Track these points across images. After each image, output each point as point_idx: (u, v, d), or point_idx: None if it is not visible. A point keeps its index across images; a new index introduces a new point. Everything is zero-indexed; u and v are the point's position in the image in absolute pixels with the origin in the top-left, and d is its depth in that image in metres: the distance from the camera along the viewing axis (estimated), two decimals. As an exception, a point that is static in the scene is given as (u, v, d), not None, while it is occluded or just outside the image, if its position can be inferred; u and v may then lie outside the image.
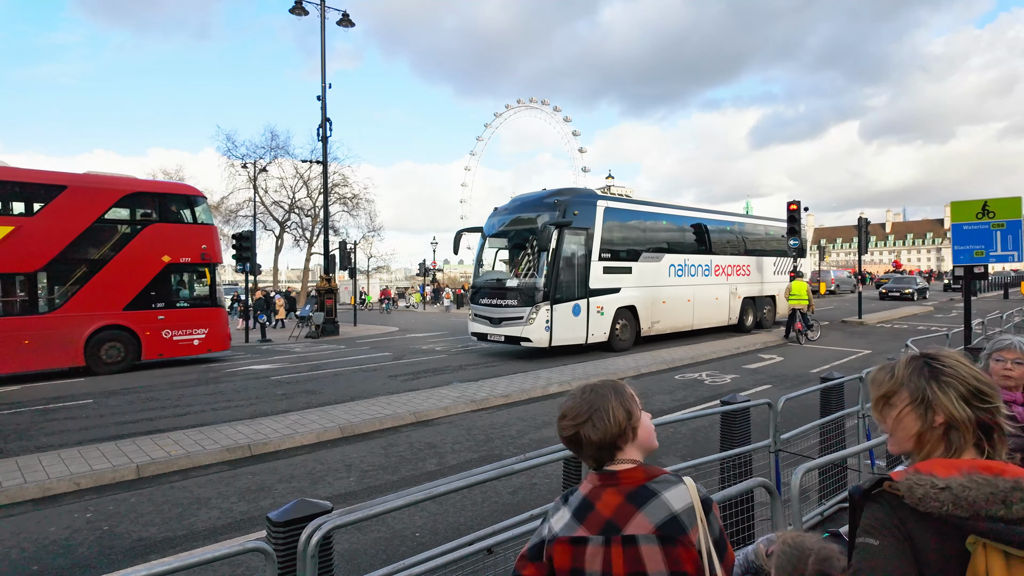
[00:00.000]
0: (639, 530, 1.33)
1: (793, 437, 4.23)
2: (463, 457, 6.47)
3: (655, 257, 15.68)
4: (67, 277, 12.20)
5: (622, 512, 1.35)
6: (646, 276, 15.29)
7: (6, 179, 11.91)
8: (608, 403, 1.40)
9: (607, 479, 1.41)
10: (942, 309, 27.14)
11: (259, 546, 1.84)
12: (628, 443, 1.41)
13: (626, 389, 1.45)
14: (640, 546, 1.32)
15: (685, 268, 16.60)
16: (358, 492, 5.45)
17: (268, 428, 7.23)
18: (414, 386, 10.24)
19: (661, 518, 1.33)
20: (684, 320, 16.53)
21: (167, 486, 5.63)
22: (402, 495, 2.19)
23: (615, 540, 1.34)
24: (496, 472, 2.39)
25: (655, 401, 9.09)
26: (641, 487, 1.38)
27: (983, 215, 7.54)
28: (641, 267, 15.18)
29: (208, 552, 1.83)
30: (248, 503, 5.21)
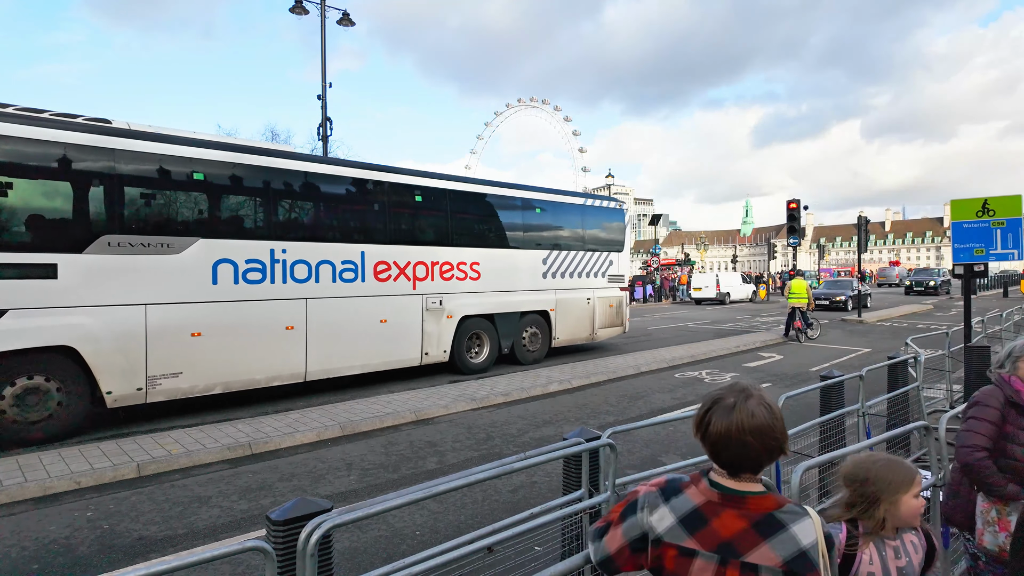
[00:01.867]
0: (764, 561, 1.30)
1: (793, 435, 4.23)
2: (463, 456, 6.48)
3: (169, 244, 7.47)
4: None
5: (745, 538, 1.32)
6: (120, 283, 7.14)
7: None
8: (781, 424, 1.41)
9: (730, 499, 1.37)
10: (942, 307, 27.17)
11: (258, 545, 1.85)
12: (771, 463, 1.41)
13: None
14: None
15: (273, 267, 8.41)
16: (359, 490, 5.46)
17: (269, 426, 7.23)
18: (413, 385, 10.24)
19: (790, 553, 1.29)
20: (267, 365, 8.40)
21: (168, 485, 5.63)
22: (402, 494, 2.19)
23: (732, 563, 1.31)
24: (496, 471, 2.39)
25: (655, 399, 9.10)
26: (768, 515, 1.34)
27: (983, 213, 7.54)
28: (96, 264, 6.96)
29: (207, 551, 1.83)
30: (249, 501, 5.22)
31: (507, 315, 11.64)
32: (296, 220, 9.15)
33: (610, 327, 13.81)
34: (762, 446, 1.36)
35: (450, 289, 10.59)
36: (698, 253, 72.98)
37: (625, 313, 14.17)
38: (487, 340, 11.42)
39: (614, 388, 10.03)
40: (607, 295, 13.66)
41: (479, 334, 11.33)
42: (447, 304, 10.55)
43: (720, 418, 1.38)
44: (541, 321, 12.31)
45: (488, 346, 11.41)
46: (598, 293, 13.42)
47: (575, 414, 8.25)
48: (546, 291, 12.29)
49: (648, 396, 9.37)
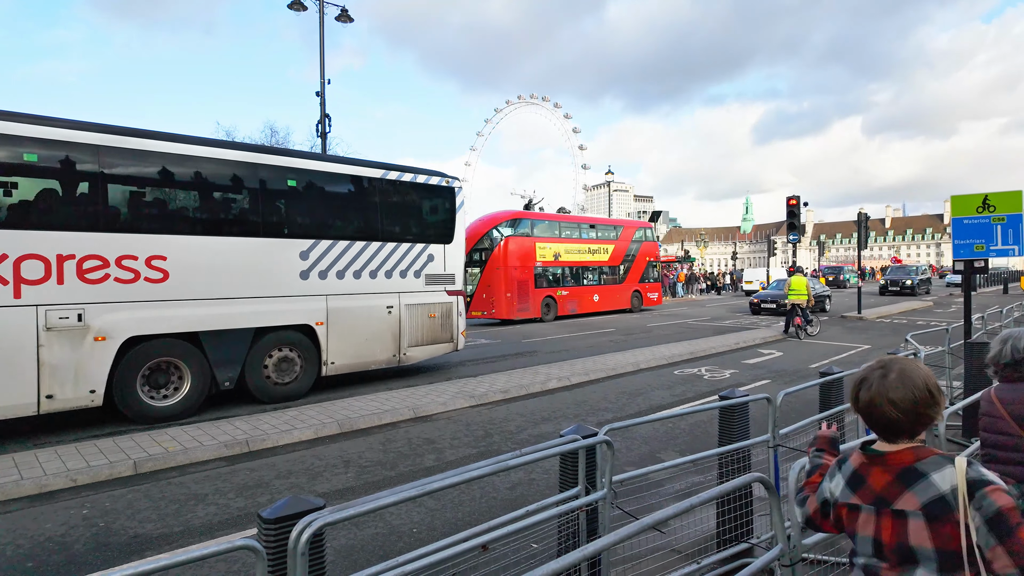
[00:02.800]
0: (908, 506, 1.51)
1: (792, 432, 4.21)
2: (461, 453, 6.46)
3: None
4: None
5: (891, 489, 1.55)
6: None
7: None
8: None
9: (875, 459, 1.62)
10: (942, 304, 27.15)
11: (248, 544, 1.82)
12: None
13: None
14: (908, 520, 1.51)
15: None
16: (356, 488, 5.43)
17: (267, 424, 7.21)
18: (412, 382, 10.22)
19: (929, 498, 1.49)
20: None
21: (164, 482, 5.61)
22: (395, 491, 2.17)
23: (885, 512, 1.56)
24: (491, 468, 2.36)
25: (654, 396, 9.08)
26: (908, 467, 1.55)
27: (984, 209, 7.51)
28: None
29: (197, 550, 1.80)
30: (245, 499, 5.19)
31: (226, 334, 8.05)
32: None
33: (431, 344, 10.51)
34: (903, 413, 1.55)
35: (105, 296, 7.02)
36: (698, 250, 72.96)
37: (457, 325, 10.78)
38: (187, 372, 7.81)
39: (613, 385, 10.01)
40: (425, 301, 10.32)
41: (173, 363, 7.73)
42: (97, 319, 6.96)
43: (864, 391, 1.61)
44: (303, 340, 8.87)
45: (189, 381, 7.81)
46: (409, 299, 10.10)
47: (574, 411, 8.23)
48: (309, 297, 8.84)
49: (647, 393, 9.35)
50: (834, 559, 3.74)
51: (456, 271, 10.94)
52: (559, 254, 22.50)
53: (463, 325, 11.15)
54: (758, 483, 2.31)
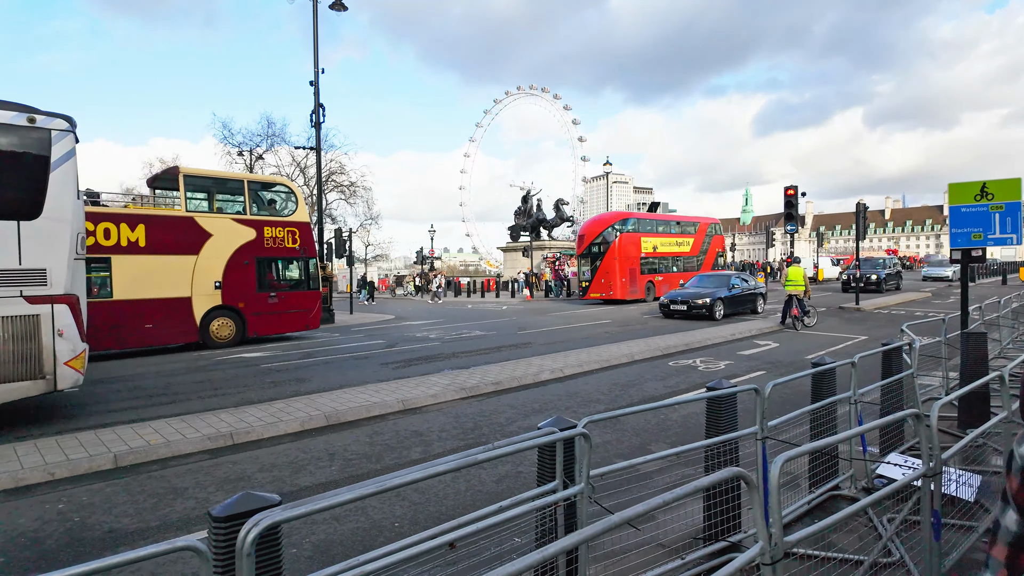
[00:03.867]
0: None
1: (782, 424, 4.10)
2: (449, 445, 6.35)
3: None
4: None
5: None
6: None
7: None
8: None
9: None
10: (940, 295, 27.04)
11: (190, 544, 1.71)
12: None
13: None
14: None
15: None
16: (339, 481, 5.33)
17: (252, 416, 7.10)
18: (404, 374, 10.12)
19: None
20: None
21: (145, 476, 5.51)
22: (352, 488, 2.05)
23: None
24: (456, 463, 2.25)
25: (647, 387, 8.97)
26: None
27: (982, 197, 7.38)
28: None
29: (137, 552, 1.69)
30: (226, 493, 5.09)
31: None
32: None
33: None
34: None
35: None
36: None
37: (55, 351, 7.00)
38: None
39: (606, 376, 9.91)
40: None
41: None
42: None
43: None
44: None
45: None
46: None
47: (566, 403, 8.13)
48: None
49: (641, 384, 9.25)
50: (823, 554, 3.64)
51: (53, 263, 7.05)
52: (656, 246, 27.44)
53: (72, 349, 7.17)
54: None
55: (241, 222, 14.43)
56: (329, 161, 51.69)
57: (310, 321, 15.94)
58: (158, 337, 13.39)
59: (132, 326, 12.80)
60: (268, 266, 15.08)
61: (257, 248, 14.58)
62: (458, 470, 2.27)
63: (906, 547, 3.75)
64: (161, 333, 13.39)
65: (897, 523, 4.07)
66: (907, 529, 4.08)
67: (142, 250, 12.88)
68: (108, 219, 12.52)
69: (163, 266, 13.23)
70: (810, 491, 4.58)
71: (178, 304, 13.47)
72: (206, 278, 13.83)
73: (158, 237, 13.11)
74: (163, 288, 13.24)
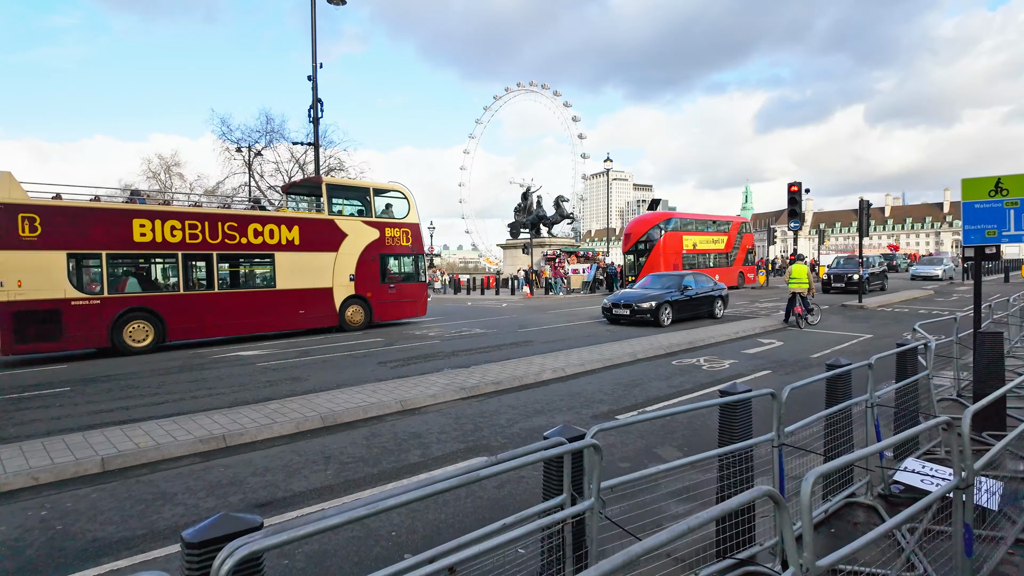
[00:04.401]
0: None
1: (796, 430, 3.90)
2: (449, 448, 6.16)
3: None
4: None
5: None
6: None
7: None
8: None
9: None
10: (942, 293, 26.85)
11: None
12: None
13: None
14: None
15: None
16: (334, 486, 5.14)
17: (246, 418, 6.91)
18: (403, 373, 9.92)
19: None
20: None
21: (133, 480, 5.31)
22: (342, 510, 1.85)
23: None
24: (458, 480, 2.05)
25: (651, 388, 8.78)
26: None
27: (996, 193, 7.16)
28: None
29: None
30: (217, 498, 4.90)
31: None
32: None
33: None
34: None
35: None
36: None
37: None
38: None
39: (609, 376, 9.71)
40: None
41: None
42: None
43: None
44: None
45: None
46: None
47: (568, 403, 7.94)
48: None
49: (644, 384, 9.05)
50: (847, 567, 3.44)
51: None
52: (696, 244, 29.75)
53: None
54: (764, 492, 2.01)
55: (368, 224, 16.84)
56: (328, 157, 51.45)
57: (419, 309, 18.24)
58: (308, 321, 15.66)
59: (290, 312, 15.24)
60: (388, 261, 17.35)
61: (380, 246, 16.95)
62: (459, 487, 2.07)
63: (929, 559, 3.57)
64: (310, 318, 15.65)
65: (919, 534, 3.89)
66: (929, 540, 3.89)
67: (297, 248, 15.27)
68: (272, 221, 14.97)
69: (311, 261, 15.61)
70: (824, 499, 4.39)
71: (323, 293, 15.81)
72: (343, 271, 16.17)
73: (308, 237, 15.50)
74: (312, 280, 15.61)
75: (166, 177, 64.47)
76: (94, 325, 12.31)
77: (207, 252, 13.90)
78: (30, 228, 11.58)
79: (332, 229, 16.10)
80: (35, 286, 11.61)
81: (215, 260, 14.05)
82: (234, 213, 14.54)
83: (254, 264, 15.06)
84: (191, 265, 14.03)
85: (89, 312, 12.27)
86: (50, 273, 11.78)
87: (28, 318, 11.51)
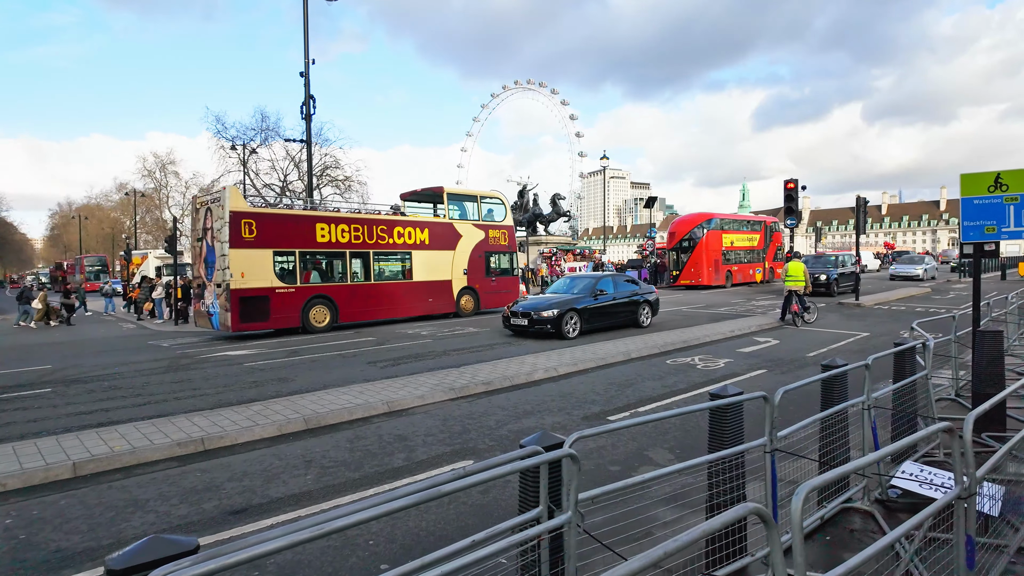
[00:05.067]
0: None
1: (790, 434, 3.74)
2: (434, 451, 5.99)
3: None
4: None
5: None
6: None
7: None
8: None
9: None
10: (939, 290, 26.76)
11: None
12: None
13: None
14: None
15: None
16: (313, 492, 4.96)
17: (227, 420, 6.72)
18: (392, 373, 9.74)
19: None
20: None
21: (105, 486, 5.13)
22: (287, 531, 1.68)
23: None
24: (418, 497, 1.88)
25: (644, 387, 8.62)
26: None
27: (996, 188, 7.01)
28: None
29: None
30: (190, 505, 4.72)
31: None
32: None
33: None
34: None
35: None
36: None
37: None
38: None
39: (602, 376, 9.55)
40: None
41: None
42: None
43: None
44: None
45: None
46: None
47: (559, 404, 7.77)
48: None
49: (637, 384, 8.89)
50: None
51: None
52: (733, 242, 32.07)
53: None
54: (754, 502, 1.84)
55: (476, 226, 19.94)
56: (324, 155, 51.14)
57: (513, 299, 19.83)
58: (434, 308, 18.71)
59: (423, 300, 18.40)
60: (491, 258, 20.30)
61: (486, 245, 20.05)
62: (418, 504, 1.90)
63: (927, 567, 3.41)
64: (436, 305, 18.74)
65: (917, 541, 3.73)
66: (926, 546, 3.74)
67: (427, 247, 18.44)
68: (409, 225, 18.25)
69: (437, 258, 18.75)
70: (819, 505, 4.23)
71: (445, 285, 18.97)
72: (459, 267, 19.30)
73: (435, 238, 18.67)
74: (437, 273, 18.74)
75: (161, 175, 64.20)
76: (290, 309, 15.43)
77: (365, 250, 17.03)
78: (248, 231, 14.61)
79: (451, 231, 19.22)
80: (253, 277, 14.68)
81: (371, 257, 17.19)
82: (384, 218, 17.85)
83: (398, 260, 18.14)
84: (354, 261, 16.97)
85: (287, 298, 15.39)
86: (262, 267, 14.89)
87: (249, 302, 14.58)
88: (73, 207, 75.94)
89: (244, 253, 14.51)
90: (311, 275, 16.20)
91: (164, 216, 62.24)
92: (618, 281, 15.63)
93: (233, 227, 14.32)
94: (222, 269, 14.53)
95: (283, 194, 51.65)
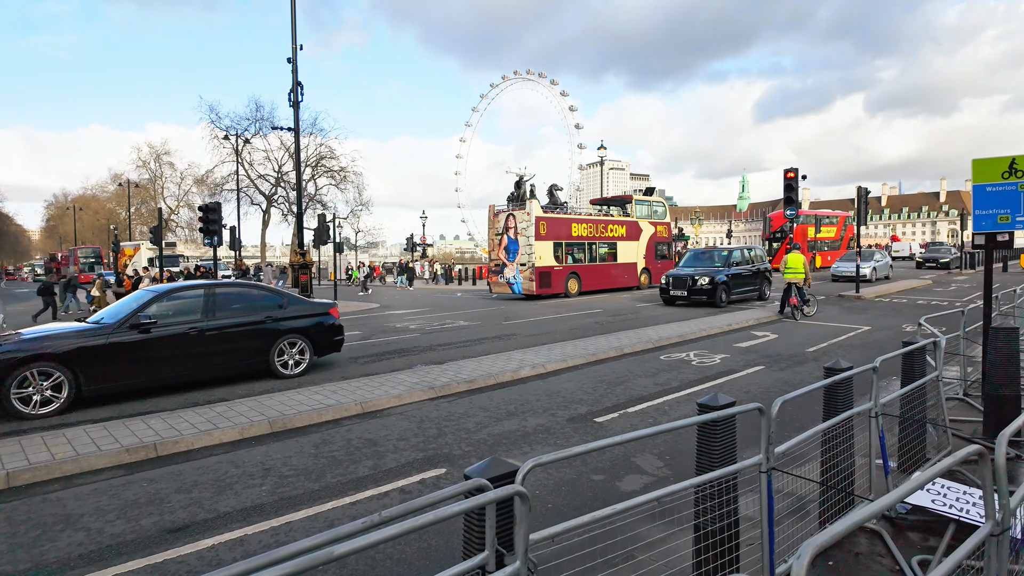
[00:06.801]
0: None
1: (789, 448, 3.29)
2: (405, 457, 5.55)
3: None
4: None
5: None
6: None
7: None
8: None
9: None
10: (940, 283, 26.33)
11: None
12: None
13: None
14: None
15: None
16: (267, 505, 4.52)
17: (186, 422, 6.28)
18: (372, 370, 9.29)
19: None
20: None
21: (39, 498, 4.69)
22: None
23: None
24: (305, 560, 1.43)
25: (636, 385, 8.19)
26: None
27: (1010, 174, 6.52)
28: None
29: None
30: (127, 521, 4.27)
31: None
32: None
33: None
34: None
35: None
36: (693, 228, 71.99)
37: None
38: None
39: (592, 372, 9.11)
40: None
41: None
42: None
43: None
44: None
45: None
46: None
47: (544, 404, 7.33)
48: None
49: (629, 381, 8.46)
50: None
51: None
52: (815, 233, 37.14)
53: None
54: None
55: (651, 222, 27.13)
56: (319, 146, 50.44)
57: None
58: (627, 282, 25.56)
59: (621, 277, 25.35)
60: (657, 246, 27.22)
61: (656, 236, 27.20)
62: (299, 573, 1.44)
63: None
64: (629, 280, 25.65)
65: (932, 569, 3.31)
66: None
67: (624, 238, 25.51)
68: (615, 223, 25.47)
69: (630, 246, 25.78)
70: (821, 526, 3.79)
71: (632, 266, 25.90)
72: (640, 253, 26.27)
73: (628, 231, 25.80)
74: (630, 257, 25.77)
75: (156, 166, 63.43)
76: (560, 282, 22.66)
77: (595, 241, 24.27)
78: (542, 228, 22.08)
79: (637, 227, 26.32)
80: (544, 259, 22.08)
81: (597, 245, 24.35)
82: (603, 218, 25.61)
83: (611, 248, 24.99)
84: (590, 247, 24.11)
85: (558, 274, 22.66)
86: (549, 252, 22.26)
87: (543, 276, 22.02)
88: (69, 198, 75.23)
89: (541, 244, 21.93)
90: (567, 258, 23.15)
91: (162, 207, 61.64)
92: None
93: (536, 227, 21.74)
94: (528, 254, 22.00)
95: (278, 184, 50.99)
